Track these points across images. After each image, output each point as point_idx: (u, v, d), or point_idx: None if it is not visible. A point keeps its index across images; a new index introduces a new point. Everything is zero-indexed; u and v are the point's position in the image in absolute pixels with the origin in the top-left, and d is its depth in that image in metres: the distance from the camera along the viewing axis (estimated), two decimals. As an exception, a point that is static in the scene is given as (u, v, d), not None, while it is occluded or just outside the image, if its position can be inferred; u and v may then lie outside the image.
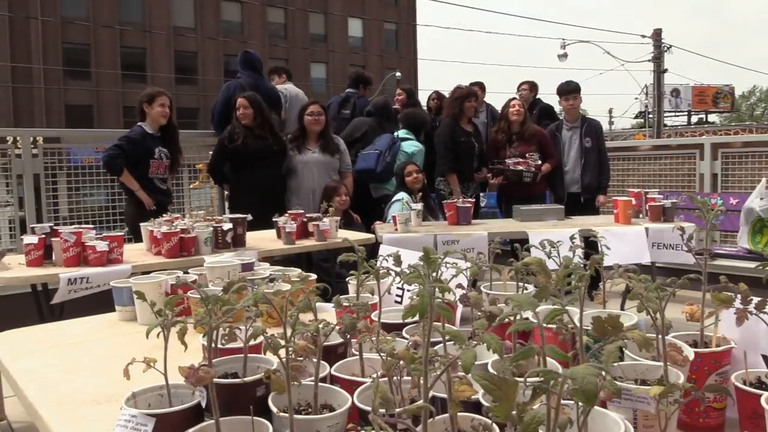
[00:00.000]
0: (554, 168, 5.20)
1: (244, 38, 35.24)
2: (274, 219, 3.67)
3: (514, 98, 5.39)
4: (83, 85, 30.43)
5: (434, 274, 0.68)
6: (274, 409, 0.76)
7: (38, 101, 29.27)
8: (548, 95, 6.99)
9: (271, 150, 4.62)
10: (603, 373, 0.74)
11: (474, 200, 4.46)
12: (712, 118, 36.61)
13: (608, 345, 0.63)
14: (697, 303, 1.09)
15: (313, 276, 1.90)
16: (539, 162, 5.05)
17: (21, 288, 3.28)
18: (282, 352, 0.83)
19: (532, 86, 6.49)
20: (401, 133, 5.46)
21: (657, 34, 19.97)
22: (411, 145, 5.34)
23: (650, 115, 22.17)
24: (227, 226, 3.23)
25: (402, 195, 4.57)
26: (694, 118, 33.93)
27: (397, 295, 1.78)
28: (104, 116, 30.88)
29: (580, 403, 0.68)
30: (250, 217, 3.43)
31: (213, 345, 0.94)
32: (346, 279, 1.82)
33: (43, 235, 2.87)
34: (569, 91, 5.36)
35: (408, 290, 1.58)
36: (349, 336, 0.95)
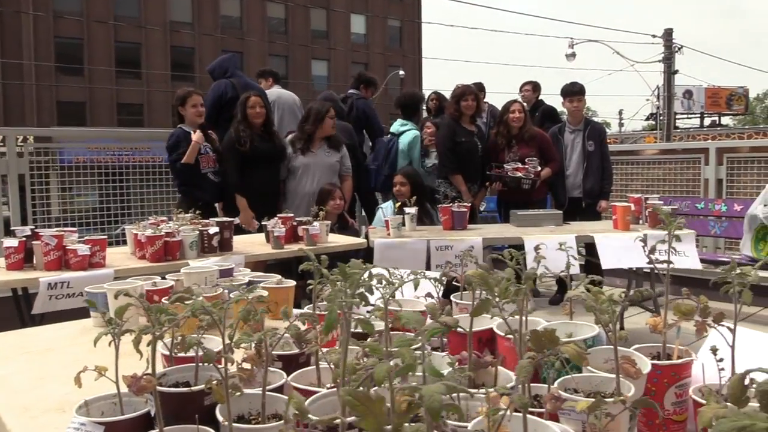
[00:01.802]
0: (555, 172, 5.22)
1: (243, 34, 35.36)
2: (263, 222, 3.70)
3: (515, 101, 5.38)
4: (76, 81, 30.54)
5: (363, 287, 0.71)
6: (220, 418, 0.79)
7: (29, 98, 29.39)
8: (556, 96, 7.02)
9: (276, 151, 4.67)
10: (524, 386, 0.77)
11: (470, 204, 4.48)
12: (725, 120, 36.58)
13: (523, 361, 0.67)
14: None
15: (292, 283, 1.93)
16: (539, 168, 5.07)
17: (3, 292, 3.31)
18: (237, 364, 0.86)
19: (535, 87, 6.50)
20: (397, 125, 5.49)
21: (668, 34, 19.98)
22: (406, 138, 5.39)
23: (661, 117, 22.19)
24: (213, 230, 3.26)
25: (388, 204, 4.60)
26: (707, 121, 33.91)
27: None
28: (98, 114, 30.98)
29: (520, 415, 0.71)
30: (237, 220, 3.47)
31: (174, 353, 0.98)
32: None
33: (24, 238, 2.91)
34: (573, 92, 5.38)
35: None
36: (304, 345, 0.98)
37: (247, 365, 0.87)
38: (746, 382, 0.54)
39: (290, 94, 5.74)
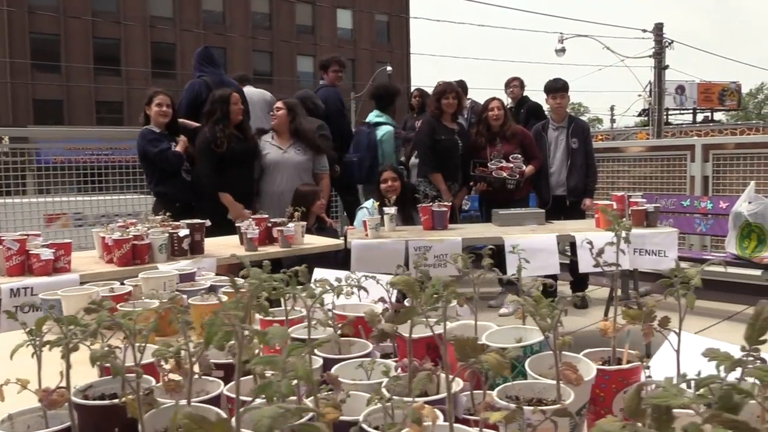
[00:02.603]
0: (538, 170, 5.24)
1: (226, 29, 35.22)
2: (237, 224, 3.69)
3: (494, 98, 5.39)
4: (53, 79, 30.29)
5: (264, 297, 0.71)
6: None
7: (3, 96, 29.11)
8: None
9: (251, 151, 4.67)
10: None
11: (450, 204, 4.48)
12: (718, 116, 36.95)
13: (422, 373, 0.67)
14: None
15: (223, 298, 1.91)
16: (523, 167, 5.09)
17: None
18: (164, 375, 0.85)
19: (522, 83, 6.58)
20: (372, 116, 5.48)
21: (658, 29, 20.15)
22: (380, 132, 5.39)
23: (654, 113, 22.40)
24: (184, 232, 3.24)
25: (369, 203, 4.59)
26: (700, 117, 34.23)
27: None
28: (76, 112, 30.75)
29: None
30: (208, 222, 3.45)
31: (101, 366, 0.97)
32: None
33: (-15, 243, 2.87)
34: (556, 89, 5.40)
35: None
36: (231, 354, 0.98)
37: (176, 376, 0.86)
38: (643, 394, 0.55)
39: (260, 92, 5.68)
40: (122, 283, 1.89)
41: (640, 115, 38.60)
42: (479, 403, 0.91)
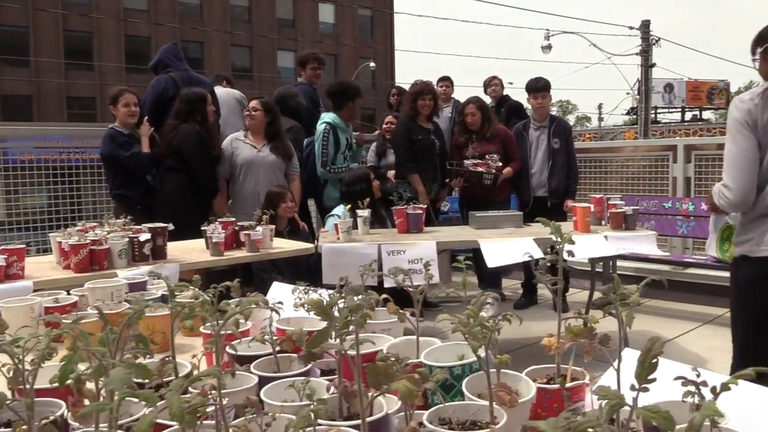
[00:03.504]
0: (518, 171, 5.27)
1: (203, 22, 34.97)
2: (202, 228, 3.65)
3: (469, 102, 5.36)
4: (21, 73, 29.87)
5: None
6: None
7: (-31, 91, 28.70)
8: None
9: (219, 153, 4.64)
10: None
11: (426, 206, 4.49)
12: (706, 114, 37.35)
13: (317, 404, 0.66)
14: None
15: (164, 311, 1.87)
16: (500, 164, 5.12)
17: None
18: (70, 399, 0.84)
19: (501, 82, 6.63)
20: (327, 116, 5.28)
21: (645, 26, 20.35)
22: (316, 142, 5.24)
23: (642, 112, 22.64)
24: (145, 236, 3.20)
25: (340, 209, 4.56)
26: (688, 115, 34.57)
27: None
28: (46, 108, 30.37)
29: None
30: (171, 226, 3.41)
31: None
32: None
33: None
34: (538, 88, 5.42)
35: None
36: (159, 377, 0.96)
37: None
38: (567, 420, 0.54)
39: (229, 92, 5.62)
40: (68, 293, 1.86)
41: (628, 113, 38.93)
42: (419, 422, 0.90)
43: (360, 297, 0.83)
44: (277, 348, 1.08)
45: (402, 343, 1.12)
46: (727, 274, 4.79)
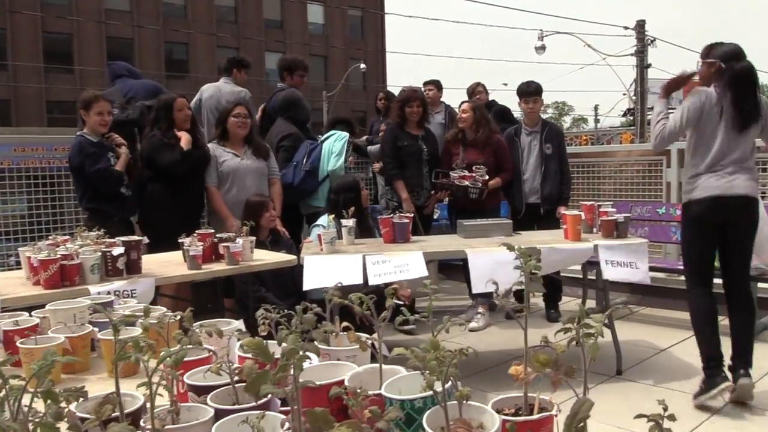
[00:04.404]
0: (507, 181, 5.29)
1: (188, 23, 34.95)
2: (179, 240, 3.62)
3: (465, 101, 5.48)
4: (-2, 77, 29.76)
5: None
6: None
7: (-56, 96, 28.54)
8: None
9: (205, 158, 4.63)
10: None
11: (412, 215, 4.48)
12: (705, 115, 37.44)
13: None
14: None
15: (87, 328, 1.84)
16: (486, 177, 5.13)
17: None
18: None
19: (485, 88, 6.66)
20: (333, 133, 5.41)
21: (640, 26, 20.48)
22: (333, 141, 5.32)
23: (638, 113, 22.75)
24: (118, 250, 3.18)
25: (324, 219, 4.55)
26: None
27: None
28: (24, 113, 30.23)
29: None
30: (146, 239, 3.39)
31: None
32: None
33: None
34: (529, 93, 5.42)
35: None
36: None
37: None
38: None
39: (233, 90, 5.65)
40: (30, 314, 1.83)
41: (625, 114, 39.08)
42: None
43: (304, 333, 0.81)
44: (236, 378, 1.07)
45: (366, 373, 1.10)
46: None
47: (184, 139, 4.49)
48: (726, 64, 3.42)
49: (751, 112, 3.40)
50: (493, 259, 3.74)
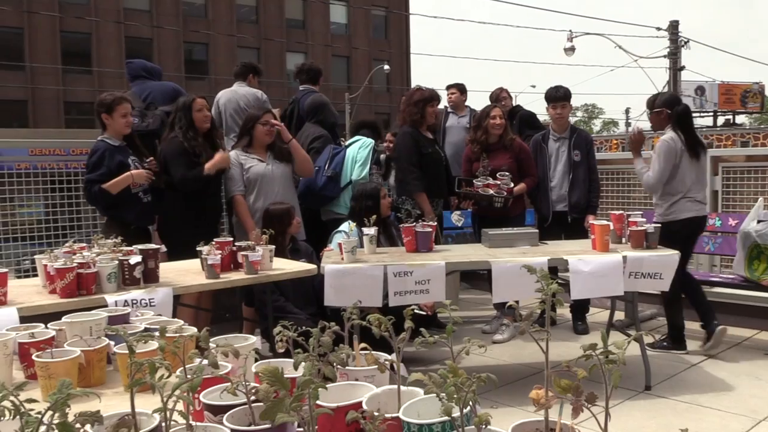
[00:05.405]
0: (531, 186, 5.27)
1: (208, 23, 35.29)
2: (198, 248, 3.65)
3: (495, 105, 5.40)
4: (16, 77, 30.20)
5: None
6: None
7: (-39, 97, 29.04)
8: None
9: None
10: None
11: (435, 224, 4.47)
12: (740, 119, 36.95)
13: None
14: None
15: (192, 329, 1.90)
16: (511, 184, 5.10)
17: None
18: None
19: (509, 93, 6.65)
20: (359, 139, 5.44)
21: (673, 27, 20.27)
22: (358, 148, 5.33)
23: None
24: (135, 259, 3.22)
25: (345, 226, 4.56)
26: (721, 119, 34.18)
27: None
28: (42, 113, 30.70)
29: None
30: (164, 248, 3.43)
31: None
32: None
33: None
34: (557, 98, 5.40)
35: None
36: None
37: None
38: None
39: (249, 91, 5.72)
40: (46, 326, 1.87)
41: (658, 117, 38.50)
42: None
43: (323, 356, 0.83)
44: (252, 398, 1.08)
45: (384, 394, 1.11)
46: (755, 293, 4.78)
47: (212, 163, 4.48)
48: (671, 110, 4.51)
49: (701, 143, 4.62)
50: (517, 271, 3.73)
